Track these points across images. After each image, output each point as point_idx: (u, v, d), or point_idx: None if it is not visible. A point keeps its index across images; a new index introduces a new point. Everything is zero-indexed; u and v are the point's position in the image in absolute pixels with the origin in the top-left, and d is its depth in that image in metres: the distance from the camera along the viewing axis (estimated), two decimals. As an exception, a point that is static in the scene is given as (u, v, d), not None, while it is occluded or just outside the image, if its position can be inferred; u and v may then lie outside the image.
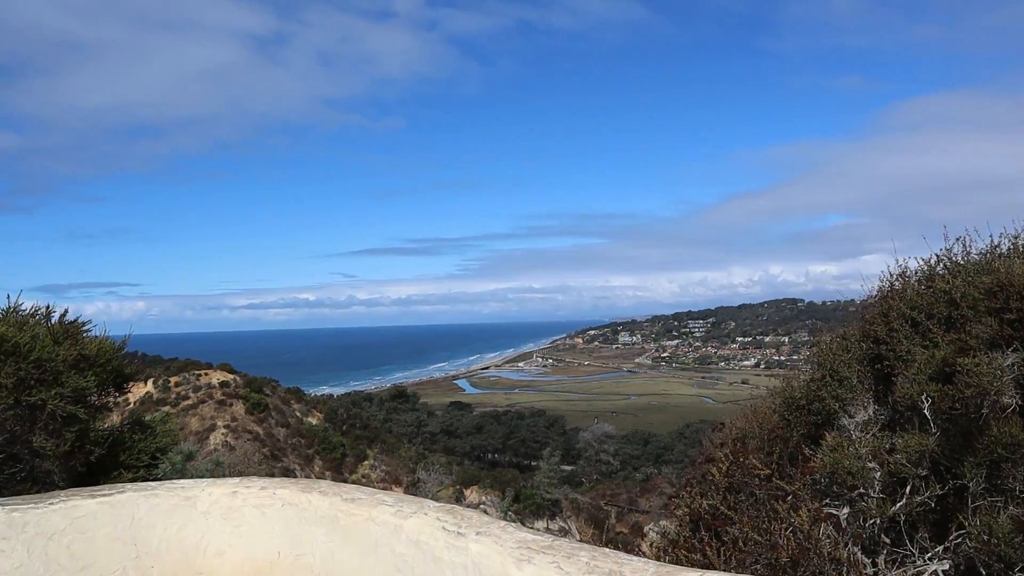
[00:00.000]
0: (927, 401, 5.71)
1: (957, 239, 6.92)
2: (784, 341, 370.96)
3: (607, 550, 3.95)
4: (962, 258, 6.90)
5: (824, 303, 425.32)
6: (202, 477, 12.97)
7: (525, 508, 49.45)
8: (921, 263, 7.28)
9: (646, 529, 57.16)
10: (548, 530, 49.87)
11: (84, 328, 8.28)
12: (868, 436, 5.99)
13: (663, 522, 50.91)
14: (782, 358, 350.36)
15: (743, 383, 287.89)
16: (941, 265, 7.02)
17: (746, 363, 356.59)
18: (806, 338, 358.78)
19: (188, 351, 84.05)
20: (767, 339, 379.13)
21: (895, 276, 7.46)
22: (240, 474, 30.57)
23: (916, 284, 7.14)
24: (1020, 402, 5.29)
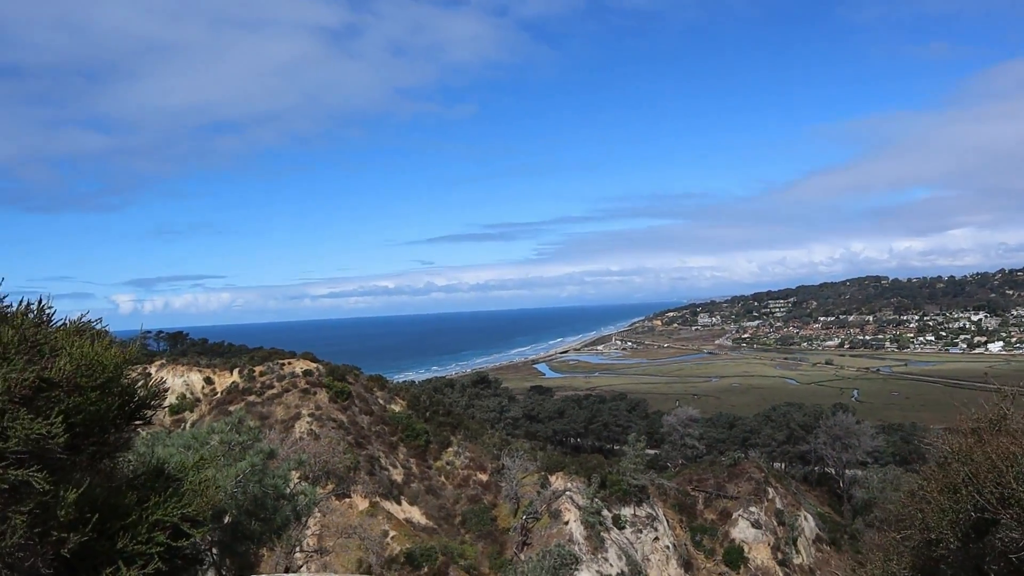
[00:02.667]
0: None
1: None
2: (868, 320, 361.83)
3: None
4: None
5: (910, 280, 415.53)
6: (285, 475, 12.56)
7: (612, 494, 48.68)
8: None
9: (735, 516, 55.88)
10: (635, 516, 49.01)
11: (50, 323, 5.04)
12: None
13: (752, 508, 49.51)
14: (867, 337, 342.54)
15: (827, 364, 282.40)
16: None
17: (829, 343, 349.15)
18: (891, 316, 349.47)
19: (272, 340, 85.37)
20: (851, 318, 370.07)
21: None
22: (325, 464, 30.22)
23: None
24: None
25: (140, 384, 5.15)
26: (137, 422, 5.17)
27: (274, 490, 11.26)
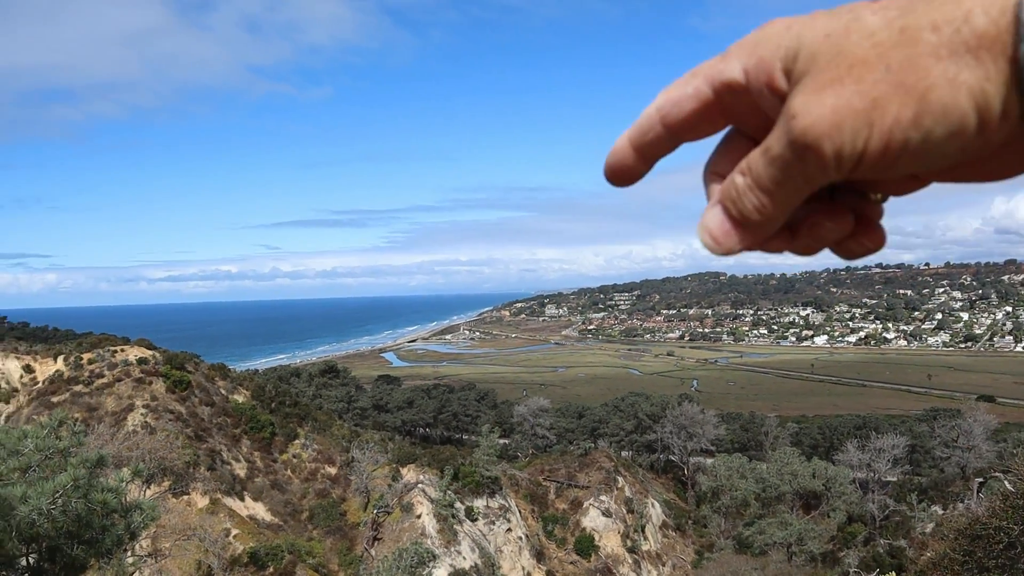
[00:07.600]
0: None
1: None
2: (708, 314, 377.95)
3: None
4: None
5: (746, 276, 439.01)
6: (118, 488, 10.80)
7: (464, 486, 47.89)
8: None
9: (585, 505, 56.21)
10: (488, 507, 48.35)
11: None
12: None
13: (603, 497, 49.42)
14: (706, 330, 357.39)
15: (668, 355, 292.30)
16: None
17: (671, 335, 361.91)
18: (728, 310, 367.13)
19: (103, 326, 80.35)
20: (691, 312, 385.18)
21: None
22: (162, 461, 27.90)
23: None
24: None
25: None
26: None
27: (103, 507, 9.49)
